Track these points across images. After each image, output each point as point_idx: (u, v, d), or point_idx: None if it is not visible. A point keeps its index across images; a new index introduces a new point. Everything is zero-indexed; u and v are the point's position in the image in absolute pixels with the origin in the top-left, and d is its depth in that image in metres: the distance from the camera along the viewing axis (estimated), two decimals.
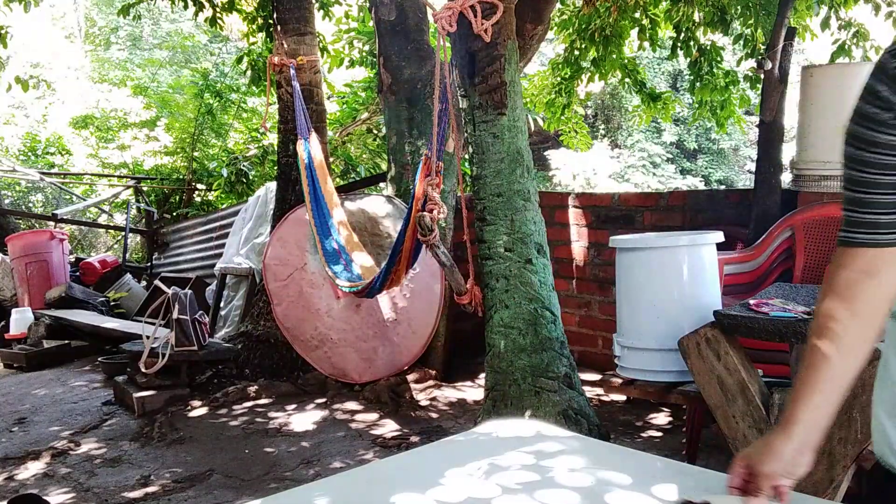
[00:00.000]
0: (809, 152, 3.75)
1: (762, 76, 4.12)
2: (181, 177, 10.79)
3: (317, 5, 6.37)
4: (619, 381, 3.02)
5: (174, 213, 10.44)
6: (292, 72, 4.95)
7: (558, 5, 6.18)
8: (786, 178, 4.36)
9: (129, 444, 3.98)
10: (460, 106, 3.61)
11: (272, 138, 8.83)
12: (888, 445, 1.10)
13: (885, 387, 1.10)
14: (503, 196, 3.42)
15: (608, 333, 4.53)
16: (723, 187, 15.96)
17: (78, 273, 8.20)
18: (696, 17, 6.02)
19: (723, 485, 1.20)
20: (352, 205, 5.04)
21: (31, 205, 12.62)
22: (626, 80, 6.80)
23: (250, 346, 5.07)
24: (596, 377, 3.44)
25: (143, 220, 10.36)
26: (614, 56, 6.34)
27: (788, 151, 4.54)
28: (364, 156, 9.64)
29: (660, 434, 3.83)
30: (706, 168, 17.32)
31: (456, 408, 4.39)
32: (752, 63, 5.75)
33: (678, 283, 2.79)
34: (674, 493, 1.15)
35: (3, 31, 5.61)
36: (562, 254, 5.11)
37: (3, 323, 6.81)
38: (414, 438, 3.88)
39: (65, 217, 9.94)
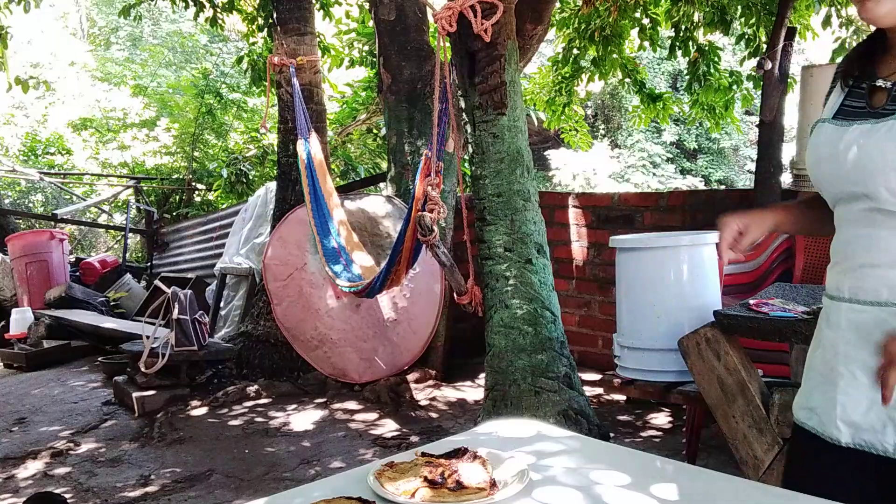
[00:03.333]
0: None
1: (762, 76, 4.12)
2: (181, 177, 10.80)
3: (317, 5, 6.37)
4: (619, 381, 3.01)
5: (174, 213, 10.44)
6: (292, 71, 4.95)
7: (558, 4, 6.16)
8: (786, 179, 4.36)
9: (128, 444, 3.98)
10: (460, 106, 3.61)
11: (272, 138, 8.84)
12: (802, 405, 1.35)
13: (814, 351, 1.35)
14: (503, 196, 3.42)
15: (608, 333, 4.53)
16: (723, 187, 15.96)
17: (78, 273, 8.21)
18: (696, 17, 6.01)
19: (723, 485, 1.20)
20: (352, 205, 5.04)
21: (31, 205, 12.62)
22: (626, 80, 6.79)
23: (250, 346, 5.07)
24: (596, 377, 3.43)
25: (143, 220, 10.36)
26: (614, 56, 6.33)
27: (788, 151, 4.54)
28: (364, 156, 9.63)
29: (660, 434, 3.83)
30: (706, 168, 17.30)
31: (456, 408, 4.39)
32: (754, 63, 5.74)
33: (678, 283, 2.79)
34: (674, 493, 1.15)
35: (3, 32, 5.61)
36: (562, 254, 5.11)
37: (3, 323, 6.81)
38: (414, 438, 3.88)
39: (65, 217, 9.94)
